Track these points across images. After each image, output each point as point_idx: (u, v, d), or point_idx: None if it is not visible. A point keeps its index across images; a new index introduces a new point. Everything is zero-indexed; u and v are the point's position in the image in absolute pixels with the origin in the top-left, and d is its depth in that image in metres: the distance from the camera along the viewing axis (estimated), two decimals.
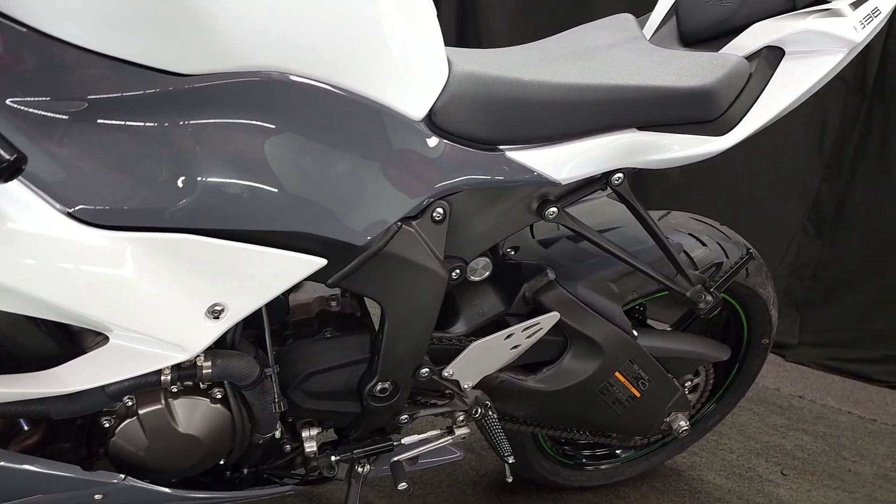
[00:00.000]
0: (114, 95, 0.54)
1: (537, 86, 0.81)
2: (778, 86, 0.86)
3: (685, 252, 1.09)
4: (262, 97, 0.61)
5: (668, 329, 1.28)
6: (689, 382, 1.19)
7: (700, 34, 0.93)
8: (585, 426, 1.12)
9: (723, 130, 0.86)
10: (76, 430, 0.74)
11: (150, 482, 0.73)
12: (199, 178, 0.59)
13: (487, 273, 0.93)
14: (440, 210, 0.78)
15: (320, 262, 0.69)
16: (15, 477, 0.65)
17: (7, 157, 0.45)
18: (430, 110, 0.76)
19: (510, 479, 1.02)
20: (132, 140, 0.56)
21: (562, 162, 0.82)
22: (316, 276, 0.72)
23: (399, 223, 0.75)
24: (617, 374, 1.04)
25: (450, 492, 1.34)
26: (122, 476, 0.71)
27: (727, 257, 1.12)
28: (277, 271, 0.67)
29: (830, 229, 2.27)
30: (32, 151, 0.52)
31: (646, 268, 0.95)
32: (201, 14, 0.54)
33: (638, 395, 1.08)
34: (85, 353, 0.62)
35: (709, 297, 0.99)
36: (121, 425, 0.71)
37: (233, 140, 0.60)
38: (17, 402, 0.63)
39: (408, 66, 0.72)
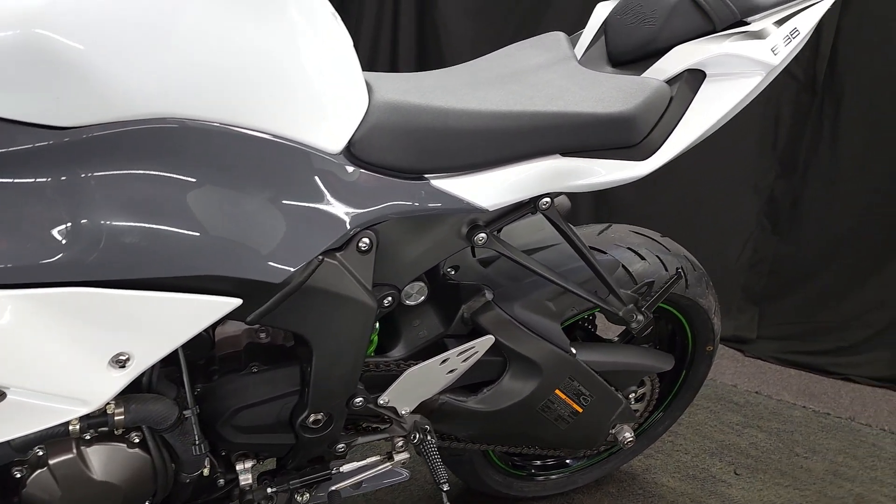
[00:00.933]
0: None
1: (460, 114, 0.80)
2: (698, 109, 0.86)
3: (624, 267, 1.09)
4: (154, 144, 0.59)
5: (615, 340, 1.29)
6: (634, 393, 1.20)
7: (626, 55, 0.93)
8: (529, 443, 1.12)
9: (645, 155, 0.86)
10: None
11: None
12: (88, 230, 0.57)
13: (423, 297, 0.92)
14: (366, 240, 0.77)
15: (234, 302, 0.68)
16: None
17: None
18: (349, 142, 0.75)
19: None
20: (14, 197, 0.54)
21: (487, 189, 0.82)
22: (233, 315, 0.71)
23: (321, 257, 0.74)
24: (557, 391, 1.04)
25: None
26: None
27: (666, 270, 1.13)
28: (185, 316, 0.65)
29: (786, 225, 2.31)
30: None
31: (576, 288, 0.95)
32: (73, 69, 0.53)
33: (580, 410, 1.09)
34: None
35: (640, 317, 0.99)
36: (32, 476, 0.69)
37: (123, 189, 0.59)
38: None
39: (319, 101, 0.71)
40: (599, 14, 1.02)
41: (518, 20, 2.47)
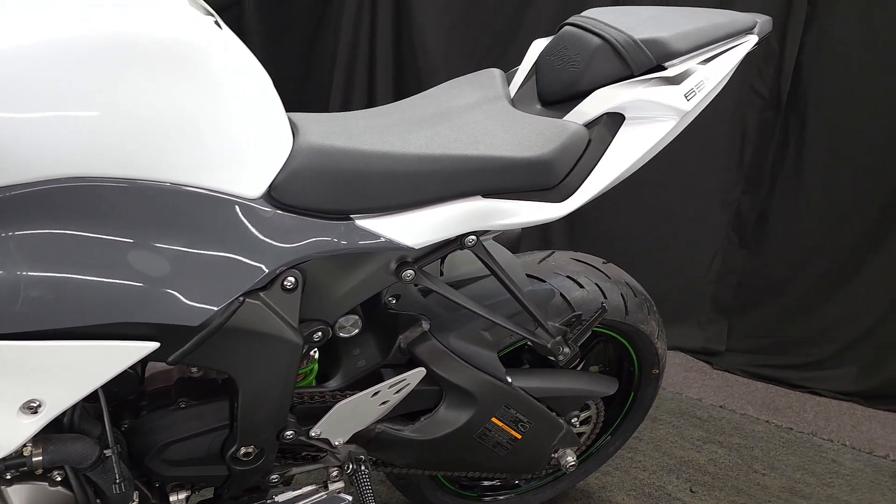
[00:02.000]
0: None
1: (383, 157, 0.82)
2: (615, 153, 0.89)
3: (562, 295, 1.12)
4: (62, 203, 0.61)
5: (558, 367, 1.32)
6: (577, 417, 1.22)
7: (553, 95, 0.95)
8: (468, 469, 1.14)
9: (562, 196, 0.88)
10: None
11: None
12: (2, 285, 0.59)
13: (357, 330, 0.94)
14: (291, 279, 0.79)
15: (151, 345, 0.70)
16: None
17: None
18: (270, 186, 0.77)
19: None
20: None
21: (412, 228, 0.84)
22: (153, 357, 0.73)
23: (242, 297, 0.76)
24: (494, 419, 1.06)
25: None
26: None
27: (605, 297, 1.15)
28: (100, 361, 0.67)
29: (753, 239, 2.33)
30: None
31: (504, 321, 0.97)
32: None
33: (519, 436, 1.11)
34: None
35: (566, 349, 1.02)
36: None
37: (32, 246, 0.61)
38: None
39: (235, 149, 0.73)
40: (533, 51, 1.04)
41: (490, 37, 2.49)
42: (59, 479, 0.76)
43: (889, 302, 2.14)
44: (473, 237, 0.91)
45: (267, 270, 0.75)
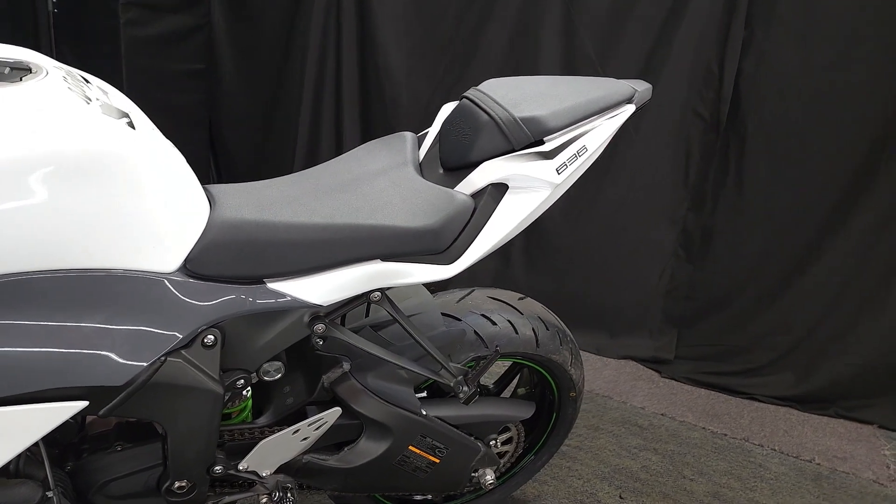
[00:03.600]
0: None
1: (291, 227, 0.94)
2: (496, 220, 1.00)
3: (476, 332, 1.23)
4: None
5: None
6: (495, 440, 1.34)
7: (450, 163, 1.07)
8: (392, 490, 1.27)
9: (451, 259, 1.00)
10: None
11: None
12: None
13: (280, 374, 1.06)
14: (211, 337, 0.91)
15: (81, 404, 0.82)
16: None
17: None
18: (186, 259, 0.88)
19: None
20: None
21: (319, 289, 0.96)
22: (85, 412, 0.84)
23: (164, 357, 0.88)
24: (411, 447, 1.19)
25: None
26: None
27: (516, 333, 1.27)
28: (35, 422, 0.79)
29: (699, 254, 2.45)
30: None
31: (409, 364, 1.09)
32: None
33: (437, 461, 1.23)
34: None
35: (466, 388, 1.14)
36: None
37: None
38: None
39: (153, 231, 0.84)
40: (441, 116, 1.15)
41: (449, 59, 2.59)
42: None
43: (822, 311, 2.27)
44: (378, 293, 1.02)
45: (181, 336, 0.87)
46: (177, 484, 1.00)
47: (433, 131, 1.15)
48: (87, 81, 0.89)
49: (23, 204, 0.73)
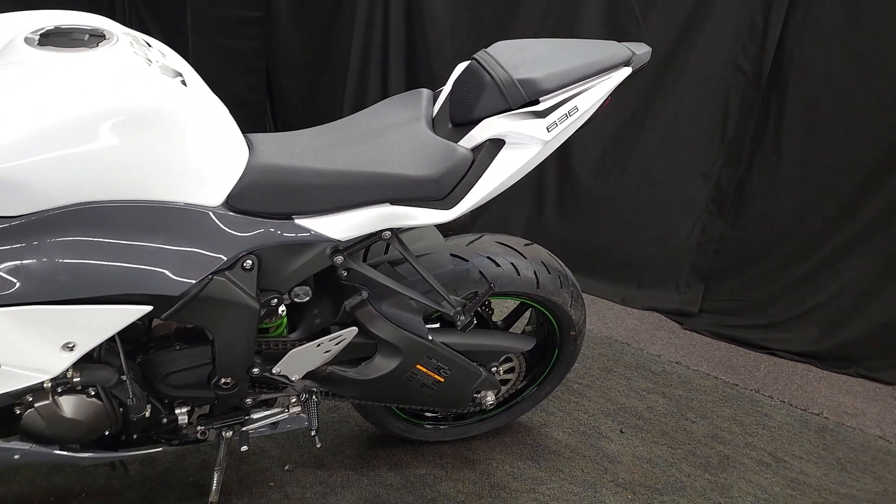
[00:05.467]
0: None
1: (315, 172, 1.11)
2: (492, 172, 1.13)
3: (481, 272, 1.39)
4: (76, 218, 0.95)
5: (498, 325, 1.61)
6: (498, 367, 1.52)
7: (457, 119, 1.20)
8: (404, 402, 1.47)
9: (450, 205, 1.15)
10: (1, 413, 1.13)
11: (55, 448, 1.14)
12: (40, 272, 0.94)
13: (308, 297, 1.26)
14: (249, 262, 1.11)
15: (146, 308, 1.04)
16: None
17: None
18: (228, 196, 1.08)
19: (319, 446, 1.40)
20: None
21: (338, 226, 1.14)
22: (152, 314, 1.07)
23: (210, 276, 1.08)
24: (419, 366, 1.37)
25: (333, 443, 1.73)
26: (29, 445, 1.11)
27: (518, 274, 1.42)
28: (111, 318, 1.02)
29: (731, 209, 2.48)
30: None
31: (416, 295, 1.26)
32: (15, 185, 0.88)
33: (442, 380, 1.42)
34: None
35: (463, 317, 1.30)
36: (24, 413, 1.10)
37: (64, 245, 0.95)
38: None
39: (200, 174, 1.03)
40: (454, 75, 1.27)
41: (492, 11, 2.65)
42: (93, 393, 1.14)
43: (852, 271, 2.28)
44: (389, 232, 1.19)
45: (225, 258, 1.07)
46: (223, 380, 1.23)
47: (446, 89, 1.28)
48: (150, 45, 1.07)
49: (99, 147, 0.92)
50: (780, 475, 1.80)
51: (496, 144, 1.14)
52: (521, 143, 1.13)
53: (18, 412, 1.10)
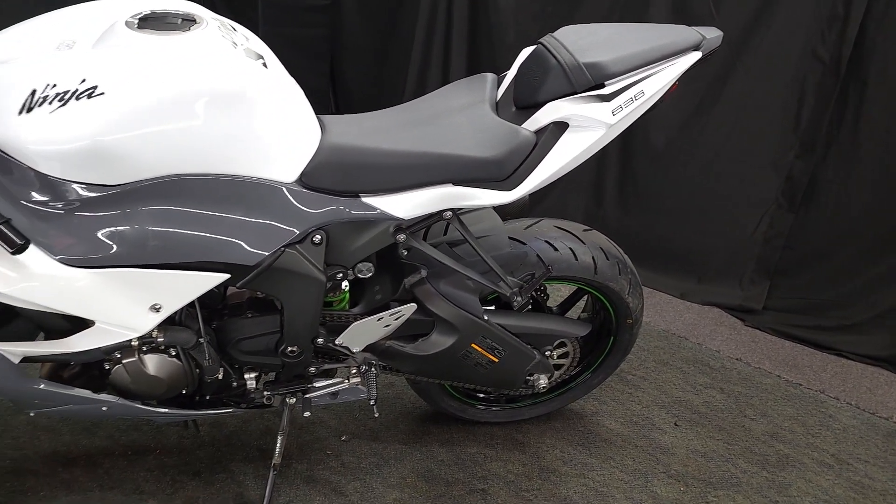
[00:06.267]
0: (80, 198, 0.98)
1: (382, 153, 1.16)
2: (554, 155, 1.15)
3: (538, 256, 1.40)
4: (167, 189, 1.02)
5: (553, 309, 1.62)
6: (551, 351, 1.53)
7: (521, 102, 1.22)
8: (458, 380, 1.51)
9: (511, 187, 1.17)
10: (92, 369, 1.24)
11: (138, 403, 1.24)
12: (134, 237, 1.02)
13: (371, 273, 1.31)
14: (318, 237, 1.17)
15: (223, 276, 1.12)
16: (58, 396, 1.17)
17: (19, 242, 0.89)
18: (301, 174, 1.14)
19: (377, 416, 1.46)
20: (94, 220, 1.00)
21: (402, 205, 1.19)
22: (228, 282, 1.14)
23: (282, 248, 1.15)
24: (473, 345, 1.41)
25: (388, 418, 1.79)
26: (117, 398, 1.21)
27: (576, 259, 1.42)
28: (193, 283, 1.10)
29: (802, 203, 2.39)
30: (38, 227, 0.98)
31: (474, 275, 1.29)
32: (116, 156, 0.97)
33: (496, 360, 1.45)
34: (83, 330, 1.10)
35: (519, 298, 1.32)
36: (113, 368, 1.20)
37: (152, 214, 1.03)
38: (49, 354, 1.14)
39: (277, 150, 1.10)
40: (519, 59, 1.29)
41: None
42: (174, 354, 1.23)
43: None
44: (449, 212, 1.22)
45: (297, 232, 1.13)
46: (289, 348, 1.30)
47: (511, 73, 1.30)
48: (235, 30, 1.14)
49: (190, 123, 0.99)
50: (843, 477, 1.73)
51: (560, 127, 1.15)
52: (585, 127, 1.14)
53: (108, 368, 1.20)
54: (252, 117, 1.04)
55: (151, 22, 1.01)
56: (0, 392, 1.16)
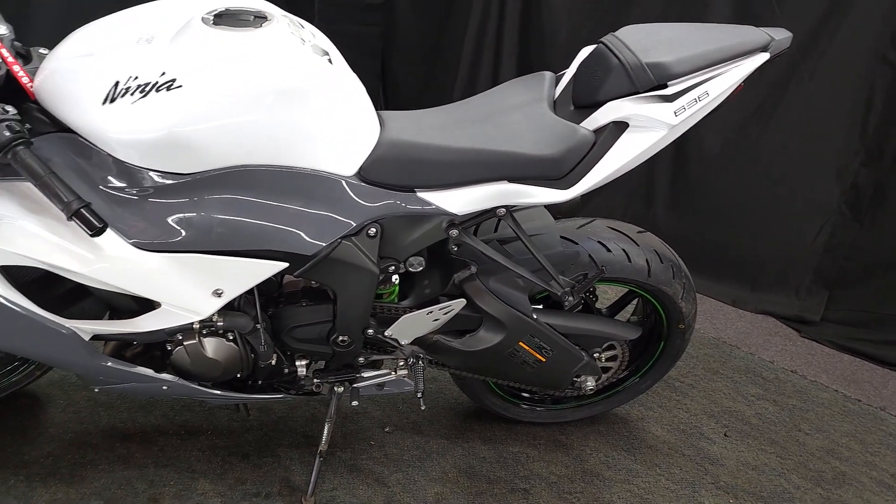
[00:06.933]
0: (153, 185, 1.03)
1: (439, 149, 1.17)
2: (613, 154, 1.13)
3: (590, 256, 1.39)
4: (233, 179, 1.06)
5: (602, 310, 1.60)
6: (600, 353, 1.51)
7: (581, 101, 1.21)
8: (503, 377, 1.50)
9: (567, 186, 1.16)
10: (153, 349, 1.29)
11: (195, 384, 1.28)
12: (201, 224, 1.06)
13: (422, 267, 1.32)
14: (373, 230, 1.19)
15: (282, 265, 1.15)
16: (123, 373, 1.23)
17: (99, 225, 0.94)
18: (360, 168, 1.16)
19: (423, 408, 1.47)
20: (165, 206, 1.04)
21: (457, 200, 1.19)
22: (286, 271, 1.18)
23: (339, 240, 1.17)
24: (521, 343, 1.40)
25: (430, 412, 1.80)
26: (176, 378, 1.26)
27: (630, 261, 1.40)
28: (254, 270, 1.14)
29: (867, 213, 2.29)
30: (115, 212, 1.02)
31: (526, 273, 1.29)
32: (189, 146, 1.01)
33: (543, 360, 1.44)
34: (149, 311, 1.15)
35: (570, 298, 1.31)
36: (174, 349, 1.24)
37: (219, 203, 1.06)
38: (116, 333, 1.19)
39: (337, 145, 1.12)
40: (579, 58, 1.28)
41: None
42: (231, 338, 1.27)
43: None
44: (503, 209, 1.22)
45: (354, 224, 1.15)
46: (340, 337, 1.33)
47: (570, 72, 1.29)
48: (302, 26, 1.17)
49: (260, 117, 1.02)
50: None
51: (619, 127, 1.14)
52: (646, 127, 1.12)
53: (169, 348, 1.25)
54: (317, 112, 1.07)
55: (226, 18, 1.05)
56: (71, 367, 1.22)
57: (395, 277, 1.33)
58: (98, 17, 1.13)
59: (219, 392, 1.32)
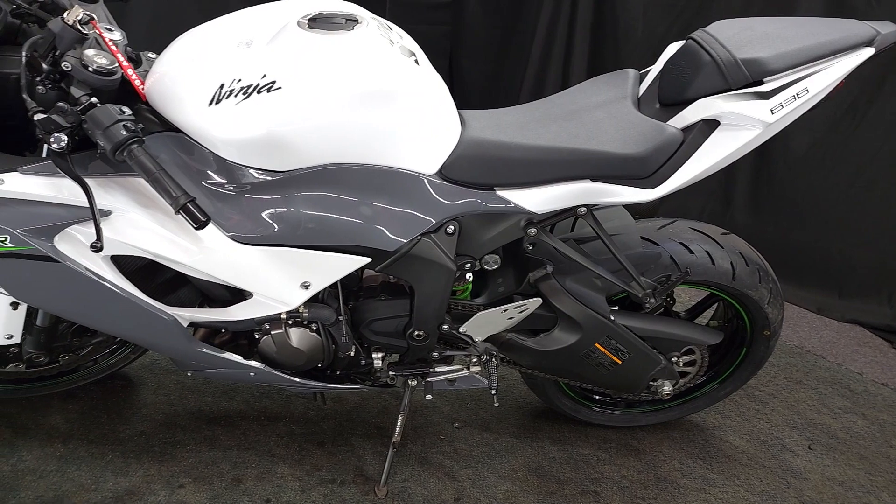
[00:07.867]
0: (250, 182, 1.08)
1: (519, 147, 1.17)
2: (703, 153, 1.10)
3: (672, 258, 1.36)
4: (325, 177, 1.10)
5: (681, 314, 1.56)
6: (678, 358, 1.47)
7: (668, 99, 1.18)
8: (576, 379, 1.49)
9: (653, 185, 1.13)
10: (240, 338, 1.36)
11: (280, 372, 1.34)
12: (293, 219, 1.11)
13: (497, 265, 1.33)
14: (451, 227, 1.21)
15: (365, 259, 1.18)
16: (215, 359, 1.29)
17: (203, 219, 1.00)
18: (441, 166, 1.18)
19: (497, 405, 1.47)
20: (260, 202, 1.10)
21: (537, 199, 1.19)
22: (367, 267, 1.21)
23: (419, 237, 1.20)
24: (597, 345, 1.38)
25: (499, 410, 1.80)
26: (262, 365, 1.32)
27: (713, 264, 1.36)
28: (339, 264, 1.18)
29: None
30: (216, 206, 1.09)
31: (606, 273, 1.27)
32: (286, 145, 1.05)
33: (619, 362, 1.41)
34: (241, 301, 1.21)
35: (652, 300, 1.28)
36: (262, 338, 1.30)
37: (310, 200, 1.11)
38: (211, 321, 1.26)
39: (421, 144, 1.14)
40: (666, 54, 1.25)
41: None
42: (314, 329, 1.31)
43: None
44: (584, 209, 1.21)
45: (434, 222, 1.17)
46: (416, 332, 1.35)
47: (655, 69, 1.26)
48: (391, 28, 1.20)
49: (351, 117, 1.06)
50: None
51: (710, 126, 1.10)
52: (739, 125, 1.08)
53: (258, 337, 1.31)
54: (404, 112, 1.09)
55: (320, 22, 1.09)
56: (169, 351, 1.30)
57: (469, 275, 1.34)
58: (186, 24, 1.19)
59: (300, 380, 1.38)
